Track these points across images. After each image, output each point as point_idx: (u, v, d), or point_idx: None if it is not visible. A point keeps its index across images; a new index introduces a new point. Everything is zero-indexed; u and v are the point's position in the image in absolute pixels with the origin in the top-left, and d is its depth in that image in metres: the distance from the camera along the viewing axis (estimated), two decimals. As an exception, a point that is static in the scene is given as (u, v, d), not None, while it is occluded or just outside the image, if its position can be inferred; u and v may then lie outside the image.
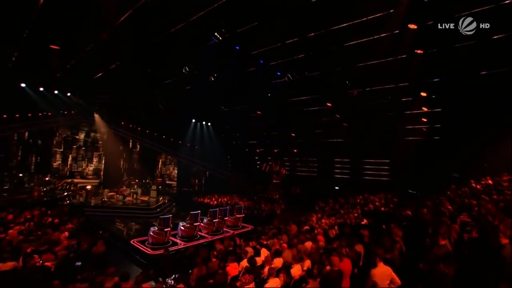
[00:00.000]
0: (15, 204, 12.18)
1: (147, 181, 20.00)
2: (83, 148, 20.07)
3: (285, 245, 6.76)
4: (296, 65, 11.41)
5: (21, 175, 15.52)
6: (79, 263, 6.95)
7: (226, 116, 18.80)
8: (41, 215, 10.71)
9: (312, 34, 9.37)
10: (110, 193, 15.59)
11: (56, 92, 13.80)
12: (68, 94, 14.51)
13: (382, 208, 10.96)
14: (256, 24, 8.90)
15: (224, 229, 12.23)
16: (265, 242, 7.92)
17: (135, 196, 15.95)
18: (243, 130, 21.12)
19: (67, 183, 16.26)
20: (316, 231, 8.64)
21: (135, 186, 16.65)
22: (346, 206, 13.53)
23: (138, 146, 22.54)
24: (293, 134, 20.08)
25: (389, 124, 15.09)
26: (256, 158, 23.90)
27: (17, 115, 14.58)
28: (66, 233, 8.57)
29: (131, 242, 9.84)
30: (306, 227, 9.51)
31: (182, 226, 10.93)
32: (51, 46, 8.59)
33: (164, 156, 23.53)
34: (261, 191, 20.63)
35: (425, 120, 14.33)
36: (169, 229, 9.96)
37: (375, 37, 9.11)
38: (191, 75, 13.05)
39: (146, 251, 9.18)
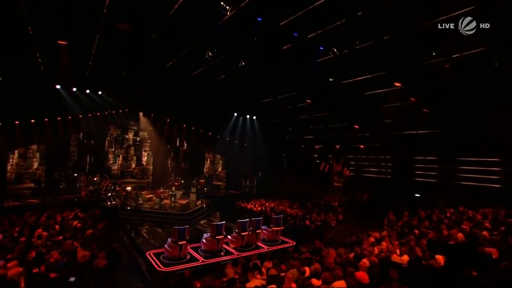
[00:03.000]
0: (63, 204, 13.71)
1: (194, 182, 20.40)
2: (132, 147, 21.82)
3: (294, 284, 5.16)
4: (341, 34, 9.28)
5: (76, 174, 17.64)
6: (73, 279, 6.86)
7: (272, 107, 17.58)
8: (74, 217, 11.65)
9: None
10: (148, 195, 16.24)
11: (88, 91, 15.02)
12: (99, 93, 15.63)
13: (484, 233, 7.88)
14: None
15: (258, 243, 11.09)
16: (282, 274, 6.41)
17: (173, 199, 16.22)
18: (295, 123, 19.45)
19: (112, 183, 17.76)
20: (362, 262, 6.68)
21: (173, 188, 16.99)
22: (426, 223, 10.64)
23: (185, 144, 23.30)
24: (356, 126, 17.40)
25: (498, 106, 11.26)
26: (315, 156, 21.87)
27: (70, 117, 16.39)
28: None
29: (147, 254, 9.60)
30: (352, 254, 7.53)
31: (205, 239, 10.24)
32: (58, 42, 8.95)
33: (212, 154, 23.77)
34: (319, 196, 18.70)
35: None
36: (185, 242, 9.34)
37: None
38: (220, 62, 12.33)
39: (157, 267, 8.74)
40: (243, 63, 12.28)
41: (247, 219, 10.85)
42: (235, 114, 20.43)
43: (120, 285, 7.97)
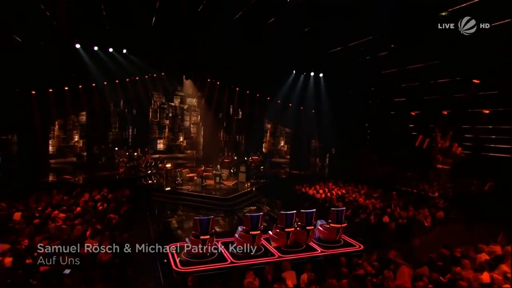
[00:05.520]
0: (97, 181, 14.86)
1: (245, 158, 20.15)
2: (179, 117, 22.57)
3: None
4: None
5: (116, 148, 19.08)
6: (68, 271, 7.02)
7: (343, 60, 15.81)
8: (103, 198, 12.40)
9: None
10: (189, 174, 16.53)
11: (111, 50, 15.34)
12: (124, 51, 15.81)
13: None
14: None
15: (311, 243, 10.12)
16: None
17: (218, 179, 16.23)
18: (379, 80, 17.02)
19: (152, 159, 18.66)
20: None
21: (218, 167, 16.90)
22: None
23: (240, 113, 23.08)
24: (476, 81, 14.06)
25: None
26: (410, 126, 18.95)
27: (105, 83, 17.28)
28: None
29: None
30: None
31: (238, 233, 9.67)
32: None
33: (272, 125, 23.15)
34: (411, 182, 16.59)
35: None
36: (208, 236, 8.87)
37: None
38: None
39: (174, 266, 8.52)
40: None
41: (293, 211, 9.91)
42: (294, 71, 19.13)
43: (129, 284, 8.03)
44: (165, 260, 8.71)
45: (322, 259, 9.01)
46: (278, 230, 9.82)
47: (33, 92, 14.48)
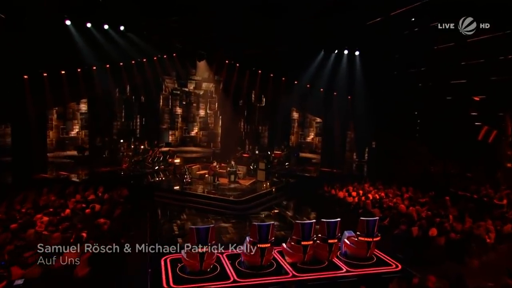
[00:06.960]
0: (98, 179, 15.03)
1: (268, 153, 19.78)
2: (193, 105, 22.50)
3: None
4: None
5: (122, 141, 19.26)
6: (20, 281, 6.84)
7: (384, 33, 15.21)
8: (97, 199, 12.33)
9: None
10: (200, 171, 16.53)
11: (106, 27, 15.18)
12: (122, 28, 15.59)
13: None
14: None
15: (335, 260, 9.52)
16: None
17: (233, 177, 16.10)
18: (431, 58, 16.32)
19: (161, 153, 18.69)
20: None
21: (232, 163, 16.67)
22: None
23: (264, 99, 22.72)
24: None
25: None
26: (472, 114, 17.76)
27: (108, 65, 17.20)
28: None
29: (162, 260, 9.06)
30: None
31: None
32: None
33: (300, 114, 22.68)
34: (470, 185, 15.52)
35: None
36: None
37: None
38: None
39: (165, 284, 8.10)
40: None
41: (312, 221, 9.42)
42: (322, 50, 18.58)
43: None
44: (149, 270, 8.52)
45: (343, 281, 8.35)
46: (293, 243, 9.27)
47: (26, 76, 14.64)
